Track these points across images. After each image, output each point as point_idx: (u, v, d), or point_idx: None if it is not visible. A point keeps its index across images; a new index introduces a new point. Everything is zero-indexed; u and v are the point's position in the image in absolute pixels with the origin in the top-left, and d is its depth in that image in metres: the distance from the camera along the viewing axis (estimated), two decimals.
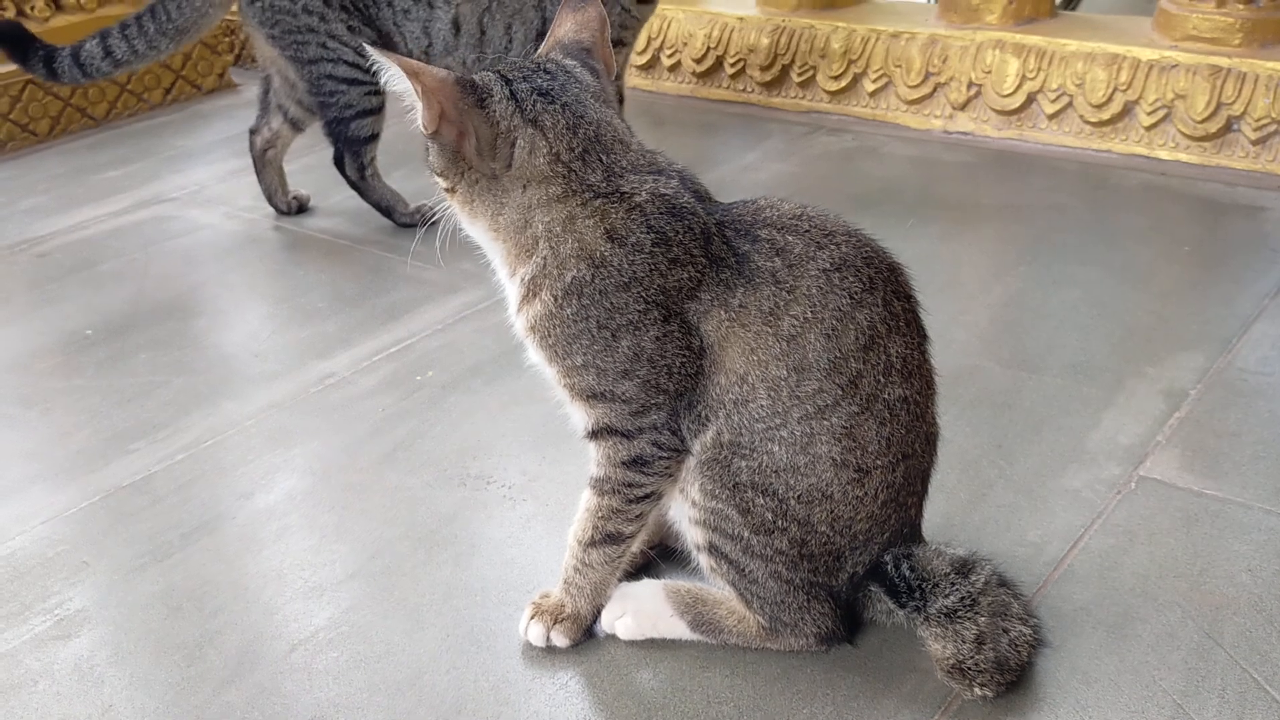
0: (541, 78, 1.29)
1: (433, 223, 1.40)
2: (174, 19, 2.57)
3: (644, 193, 1.28)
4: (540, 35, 2.54)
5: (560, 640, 1.42)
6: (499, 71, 1.30)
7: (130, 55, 2.58)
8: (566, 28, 1.38)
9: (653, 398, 1.29)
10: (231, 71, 3.80)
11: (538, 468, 1.80)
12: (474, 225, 1.34)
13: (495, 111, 1.26)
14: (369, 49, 1.28)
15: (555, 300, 1.28)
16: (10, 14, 3.30)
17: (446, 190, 1.33)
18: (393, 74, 1.26)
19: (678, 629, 1.43)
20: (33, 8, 3.35)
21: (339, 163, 2.63)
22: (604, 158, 1.28)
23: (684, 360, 1.28)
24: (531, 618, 1.43)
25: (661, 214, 1.27)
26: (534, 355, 1.35)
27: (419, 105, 1.26)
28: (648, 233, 1.26)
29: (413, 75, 1.23)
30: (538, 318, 1.30)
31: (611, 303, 1.26)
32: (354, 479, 1.80)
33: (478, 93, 1.26)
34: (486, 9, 2.54)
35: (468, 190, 1.31)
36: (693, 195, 1.31)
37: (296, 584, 1.57)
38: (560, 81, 1.29)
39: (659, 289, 1.26)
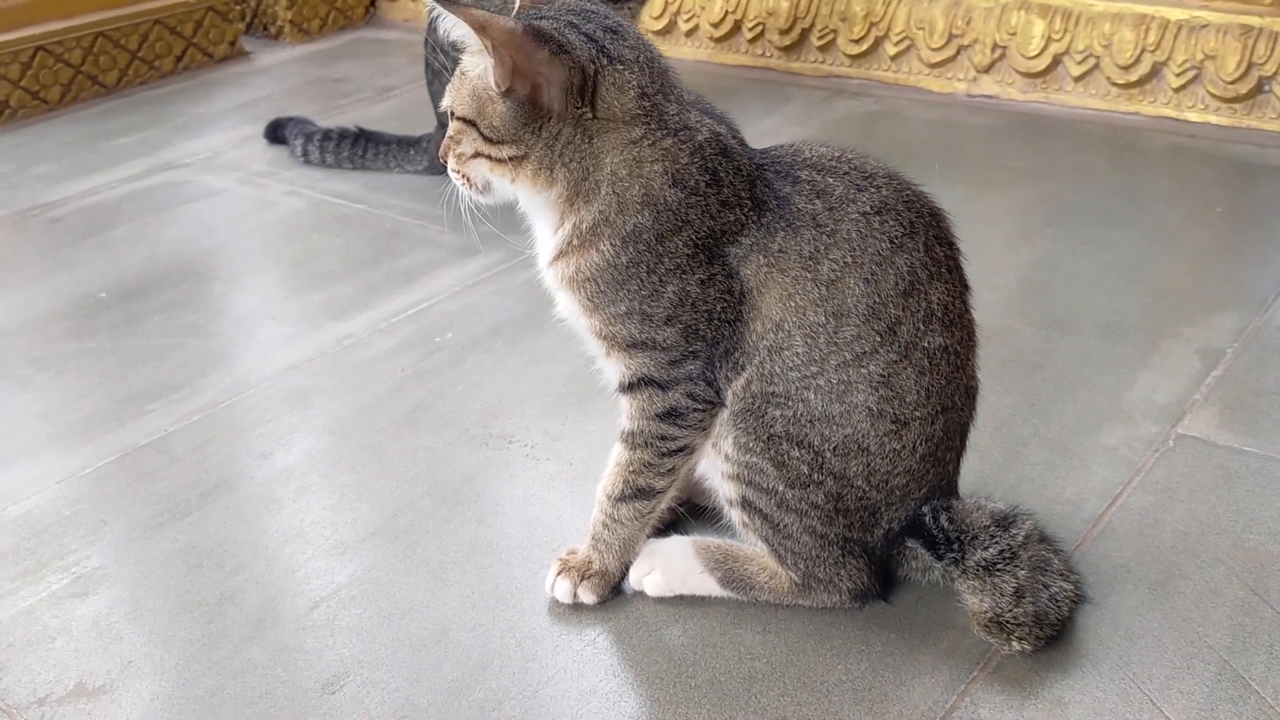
0: (597, 18, 1.23)
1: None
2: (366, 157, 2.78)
3: (704, 130, 1.24)
4: None
5: (587, 597, 1.39)
6: (558, 18, 1.22)
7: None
8: None
9: (692, 344, 1.26)
10: (243, 39, 3.75)
11: (560, 427, 1.76)
12: (548, 189, 1.23)
13: (581, 55, 1.19)
14: None
15: (614, 248, 1.22)
16: None
17: (513, 159, 1.22)
18: (451, 21, 1.17)
19: (707, 585, 1.39)
20: None
21: None
22: (674, 91, 1.25)
23: (724, 305, 1.24)
24: (558, 574, 1.40)
25: (716, 154, 1.24)
26: (569, 306, 1.30)
27: (488, 63, 1.17)
28: (704, 174, 1.23)
29: (480, 29, 1.15)
30: (593, 267, 1.24)
31: (664, 247, 1.22)
32: (373, 439, 1.77)
33: (554, 41, 1.18)
34: None
35: (545, 152, 1.20)
36: (733, 139, 1.28)
37: (317, 542, 1.54)
38: (613, 20, 1.24)
39: (709, 231, 1.23)
